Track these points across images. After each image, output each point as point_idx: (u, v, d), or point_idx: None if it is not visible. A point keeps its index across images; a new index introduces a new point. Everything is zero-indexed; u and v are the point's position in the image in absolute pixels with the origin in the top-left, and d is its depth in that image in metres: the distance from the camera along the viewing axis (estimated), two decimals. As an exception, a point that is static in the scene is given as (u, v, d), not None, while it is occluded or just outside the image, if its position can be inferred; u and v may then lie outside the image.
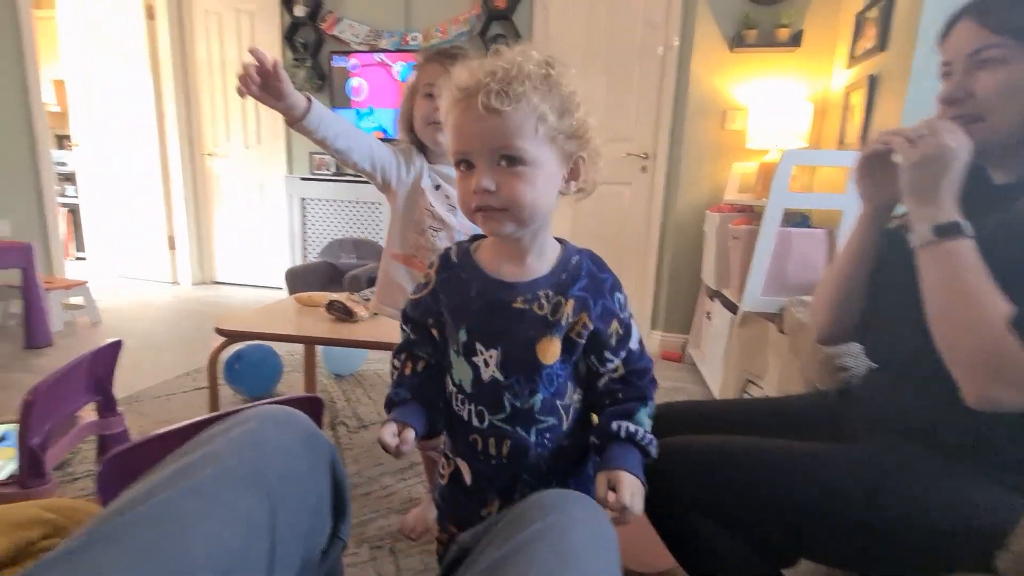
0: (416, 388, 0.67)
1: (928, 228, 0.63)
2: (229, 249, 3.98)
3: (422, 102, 1.02)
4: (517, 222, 0.56)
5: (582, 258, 0.62)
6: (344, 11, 3.40)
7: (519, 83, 0.52)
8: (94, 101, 3.82)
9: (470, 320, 0.62)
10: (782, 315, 1.53)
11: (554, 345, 0.59)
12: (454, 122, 0.56)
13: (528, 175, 0.54)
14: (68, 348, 2.44)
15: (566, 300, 0.59)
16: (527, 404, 0.61)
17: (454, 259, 0.65)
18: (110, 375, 1.15)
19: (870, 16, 1.92)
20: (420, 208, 1.07)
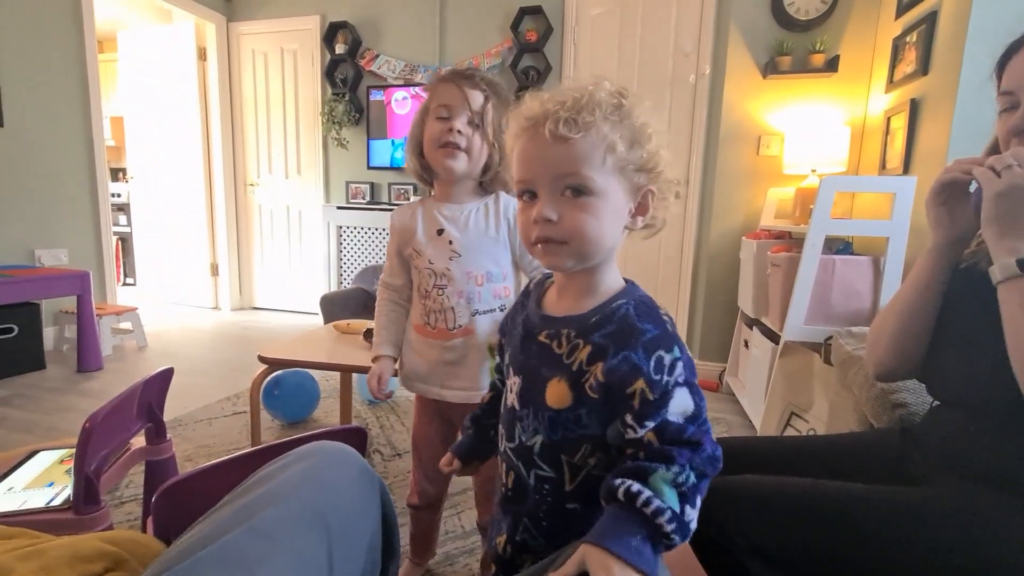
0: (476, 418, 0.75)
1: (1012, 262, 0.61)
2: (268, 276, 4.11)
3: (434, 123, 0.94)
4: (577, 256, 0.54)
5: (626, 303, 0.54)
6: (382, 48, 3.55)
7: (588, 112, 0.50)
8: (149, 136, 4.06)
9: (511, 345, 0.64)
10: (828, 345, 1.48)
11: (562, 389, 0.54)
12: (520, 151, 0.55)
13: (593, 206, 0.52)
14: (117, 372, 2.54)
15: (584, 344, 0.54)
16: (530, 441, 0.58)
17: (531, 286, 0.67)
18: (161, 402, 1.19)
19: (909, 40, 1.89)
20: (420, 272, 0.98)
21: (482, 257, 0.97)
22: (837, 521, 0.65)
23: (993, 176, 0.63)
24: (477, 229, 0.97)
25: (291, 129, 3.86)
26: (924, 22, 1.79)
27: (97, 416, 0.92)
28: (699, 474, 0.50)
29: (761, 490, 0.70)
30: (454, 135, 0.92)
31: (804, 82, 2.28)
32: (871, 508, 0.65)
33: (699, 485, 0.50)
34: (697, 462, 0.49)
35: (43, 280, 2.37)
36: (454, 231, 0.97)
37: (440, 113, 0.94)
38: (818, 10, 2.22)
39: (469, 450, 0.74)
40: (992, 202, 0.63)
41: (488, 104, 0.94)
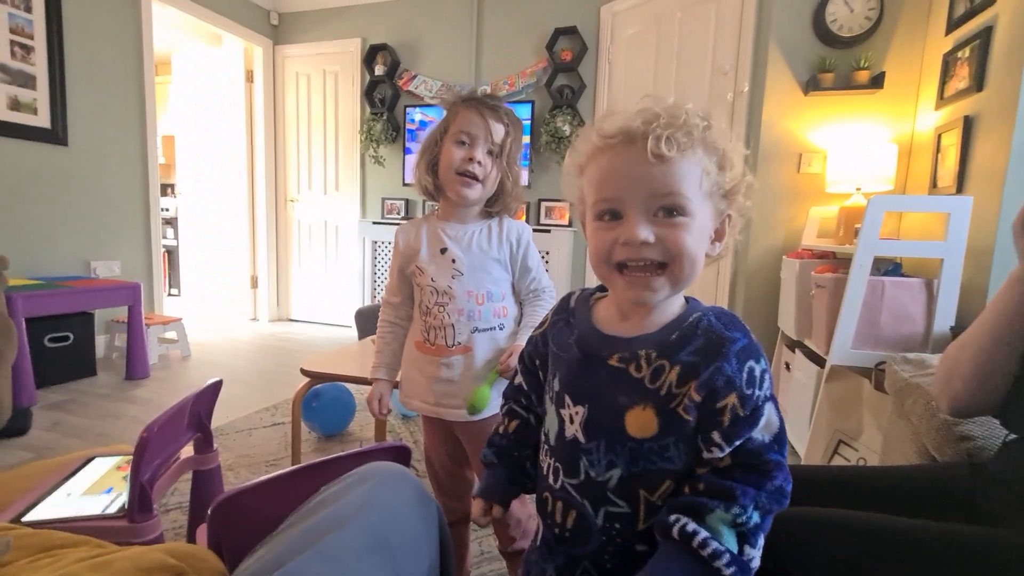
0: (503, 450, 0.66)
1: None
2: (304, 289, 4.22)
3: (453, 148, 0.95)
4: (673, 282, 0.51)
5: (704, 315, 0.52)
6: (419, 68, 3.64)
7: (685, 132, 0.49)
8: (197, 154, 4.25)
9: (564, 368, 0.57)
10: (880, 371, 1.42)
11: (647, 417, 0.50)
12: (604, 168, 0.51)
13: (689, 226, 0.49)
14: (163, 381, 2.63)
15: (671, 365, 0.49)
16: (602, 477, 0.52)
17: (572, 303, 0.62)
18: (210, 413, 1.22)
19: (961, 56, 1.83)
20: (422, 289, 0.99)
21: (483, 277, 0.98)
22: (907, 559, 0.61)
23: None
24: (480, 250, 0.99)
25: (331, 147, 3.98)
26: (978, 37, 1.73)
27: (153, 426, 0.95)
28: (763, 512, 0.47)
29: (822, 522, 0.67)
30: (473, 165, 0.94)
31: (848, 99, 2.23)
32: (945, 547, 0.61)
33: (762, 524, 0.47)
34: (763, 500, 0.46)
35: (98, 291, 2.49)
36: (457, 250, 0.98)
37: (460, 138, 0.95)
38: (862, 27, 2.18)
39: (505, 490, 0.64)
40: None
41: (508, 139, 0.96)
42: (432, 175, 0.99)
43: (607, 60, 3.15)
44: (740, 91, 2.45)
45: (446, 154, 0.95)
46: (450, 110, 0.99)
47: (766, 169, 2.37)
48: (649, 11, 2.89)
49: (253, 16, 3.86)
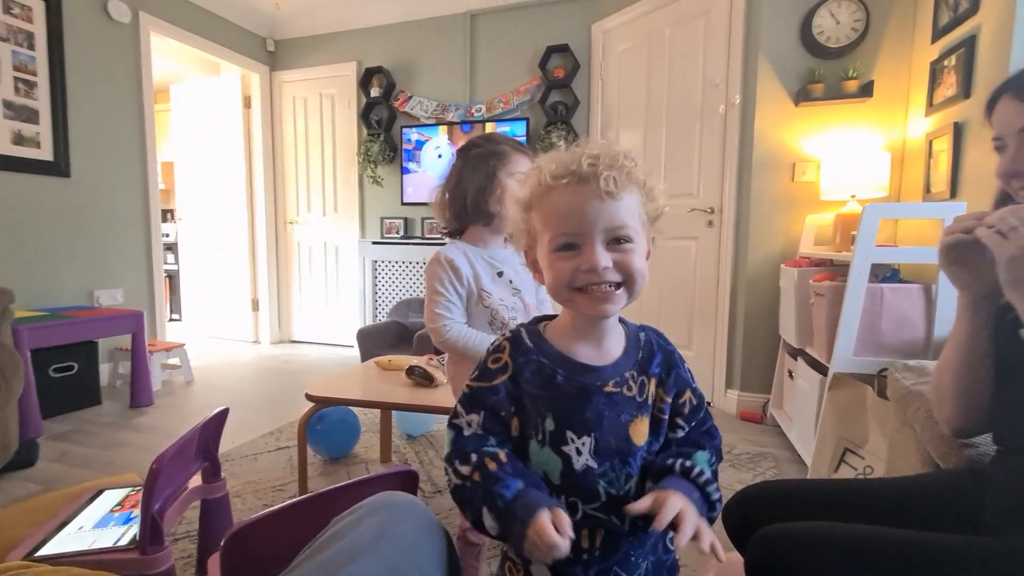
0: (516, 473, 0.56)
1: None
2: (306, 310, 4.23)
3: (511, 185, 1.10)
4: (630, 295, 0.58)
5: (648, 334, 0.65)
6: (414, 89, 3.70)
7: (625, 171, 0.57)
8: (196, 179, 4.29)
9: (557, 407, 0.58)
10: (883, 378, 1.42)
11: (644, 425, 0.61)
12: (560, 206, 0.57)
13: (636, 250, 0.58)
14: (167, 407, 2.63)
15: (648, 379, 0.62)
16: (622, 491, 0.59)
17: (528, 342, 0.62)
18: (217, 441, 1.23)
19: (948, 64, 1.87)
20: (493, 310, 1.11)
21: (530, 290, 1.20)
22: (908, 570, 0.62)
23: (1001, 239, 0.63)
24: (520, 268, 1.15)
25: (329, 169, 4.02)
26: (963, 45, 1.77)
27: (163, 457, 0.96)
28: (719, 457, 0.65)
29: (826, 537, 0.67)
30: None
31: (838, 108, 2.27)
32: (952, 561, 0.61)
33: (716, 466, 0.63)
34: (716, 444, 0.65)
35: (102, 320, 2.50)
36: (511, 272, 1.15)
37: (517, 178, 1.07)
38: (848, 37, 2.22)
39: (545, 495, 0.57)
40: (1007, 267, 0.63)
41: None
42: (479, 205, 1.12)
43: (600, 76, 3.20)
44: (732, 103, 2.49)
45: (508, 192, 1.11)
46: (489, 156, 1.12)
47: (760, 179, 2.40)
48: (639, 27, 2.95)
49: (250, 44, 3.93)
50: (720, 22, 2.53)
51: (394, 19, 3.70)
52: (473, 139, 1.19)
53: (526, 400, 0.59)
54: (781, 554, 0.65)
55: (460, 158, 1.16)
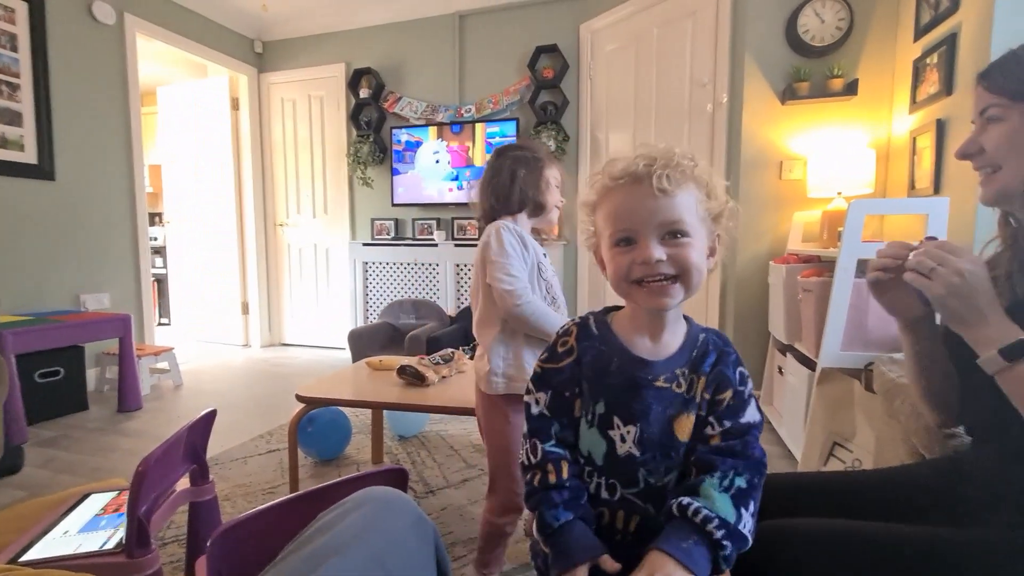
0: (573, 504, 0.61)
1: (994, 353, 0.62)
2: (296, 313, 4.21)
3: (556, 193, 1.25)
4: (686, 288, 0.60)
5: (708, 336, 0.66)
6: (404, 90, 3.69)
7: (679, 170, 0.59)
8: (184, 182, 4.25)
9: (609, 394, 0.63)
10: (869, 372, 1.44)
11: (689, 422, 0.62)
12: (618, 204, 0.61)
13: (693, 244, 0.60)
14: (156, 412, 2.60)
15: (699, 378, 0.63)
16: (661, 481, 0.62)
17: (594, 329, 0.67)
18: (205, 443, 1.21)
19: (930, 62, 1.89)
20: (548, 283, 1.21)
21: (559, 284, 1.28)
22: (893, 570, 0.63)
23: (926, 280, 0.66)
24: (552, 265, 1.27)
25: (318, 170, 4.01)
26: (944, 43, 1.79)
27: (149, 460, 0.95)
28: (748, 481, 0.59)
29: (804, 535, 0.68)
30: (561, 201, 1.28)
31: (824, 106, 2.29)
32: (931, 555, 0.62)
33: (748, 490, 0.58)
34: (741, 467, 0.59)
35: (88, 324, 2.47)
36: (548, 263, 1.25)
37: (556, 183, 1.25)
38: (833, 36, 2.25)
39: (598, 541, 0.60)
40: (941, 305, 0.66)
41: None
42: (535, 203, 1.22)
43: (588, 76, 3.21)
44: (719, 102, 2.51)
45: (552, 196, 1.24)
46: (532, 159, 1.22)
47: (749, 177, 2.42)
48: (627, 28, 2.96)
49: (237, 46, 3.90)
50: (706, 22, 2.55)
51: (383, 20, 3.70)
52: (515, 143, 1.30)
53: (584, 383, 0.65)
54: (774, 551, 0.66)
55: (506, 157, 1.24)
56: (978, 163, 0.73)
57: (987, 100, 0.71)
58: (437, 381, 1.58)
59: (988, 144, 0.71)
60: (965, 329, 0.66)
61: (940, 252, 0.66)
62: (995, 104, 0.70)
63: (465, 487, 1.78)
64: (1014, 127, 0.68)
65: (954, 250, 0.66)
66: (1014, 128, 0.68)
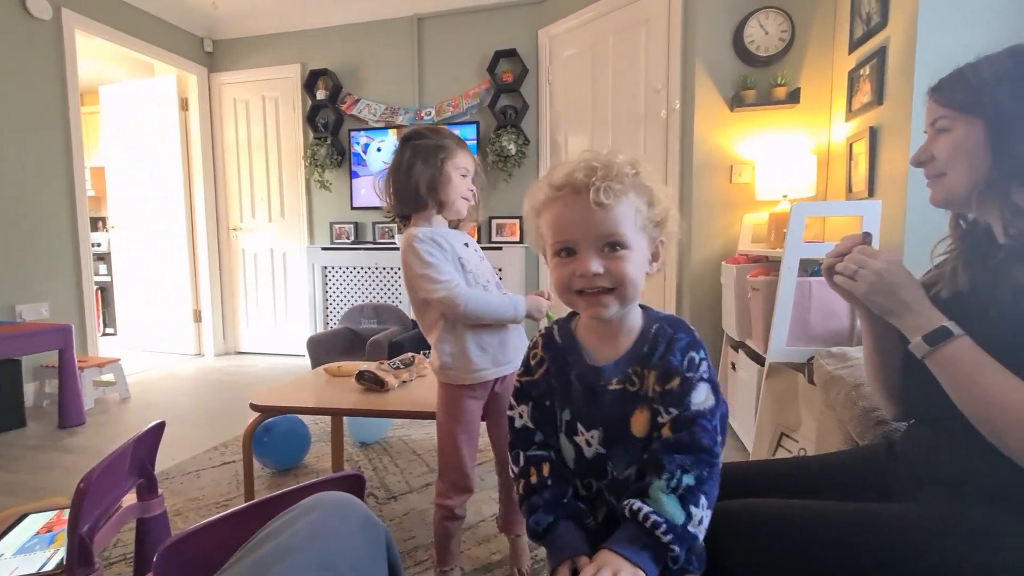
0: (555, 504, 0.65)
1: (920, 340, 0.68)
2: (252, 320, 4.08)
3: (460, 180, 1.17)
4: (621, 301, 0.62)
5: (661, 326, 0.65)
6: (362, 92, 3.65)
7: (619, 180, 0.60)
8: (130, 185, 4.07)
9: (572, 402, 0.67)
10: (810, 365, 1.52)
11: (644, 417, 0.63)
12: (556, 216, 0.63)
13: (629, 257, 0.61)
14: (100, 426, 2.48)
15: (648, 371, 0.64)
16: (623, 475, 0.65)
17: (558, 339, 0.70)
18: (153, 457, 1.17)
19: (863, 73, 2.01)
20: (473, 275, 1.16)
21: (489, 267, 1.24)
22: (830, 541, 0.67)
23: (853, 283, 0.74)
24: (475, 247, 1.24)
25: (274, 173, 3.91)
26: (875, 56, 1.91)
27: (92, 475, 0.91)
28: (696, 476, 0.58)
29: (751, 514, 0.72)
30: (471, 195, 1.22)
31: (769, 113, 2.40)
32: (864, 526, 0.67)
33: (698, 485, 0.58)
34: (688, 463, 0.58)
35: (25, 336, 2.33)
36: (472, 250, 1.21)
37: (463, 172, 1.19)
38: (776, 47, 2.36)
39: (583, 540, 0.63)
40: (868, 302, 0.74)
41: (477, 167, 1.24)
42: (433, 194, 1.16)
43: (547, 80, 3.26)
44: (672, 108, 2.59)
45: (455, 188, 1.17)
46: (434, 148, 1.16)
47: (701, 181, 2.51)
48: (584, 34, 3.02)
49: (186, 44, 3.77)
50: (659, 30, 2.63)
51: (339, 21, 3.64)
52: (418, 128, 1.20)
53: (554, 393, 0.69)
54: (734, 526, 0.70)
55: (407, 148, 1.16)
56: (928, 170, 0.78)
57: (937, 112, 0.76)
58: (397, 386, 1.57)
59: (938, 152, 0.76)
60: (896, 320, 0.73)
61: (860, 256, 0.74)
62: (944, 116, 0.74)
63: (428, 491, 1.78)
64: (959, 137, 0.73)
65: (872, 253, 0.73)
66: (959, 138, 0.73)
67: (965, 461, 0.68)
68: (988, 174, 0.70)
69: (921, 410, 0.81)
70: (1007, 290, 0.67)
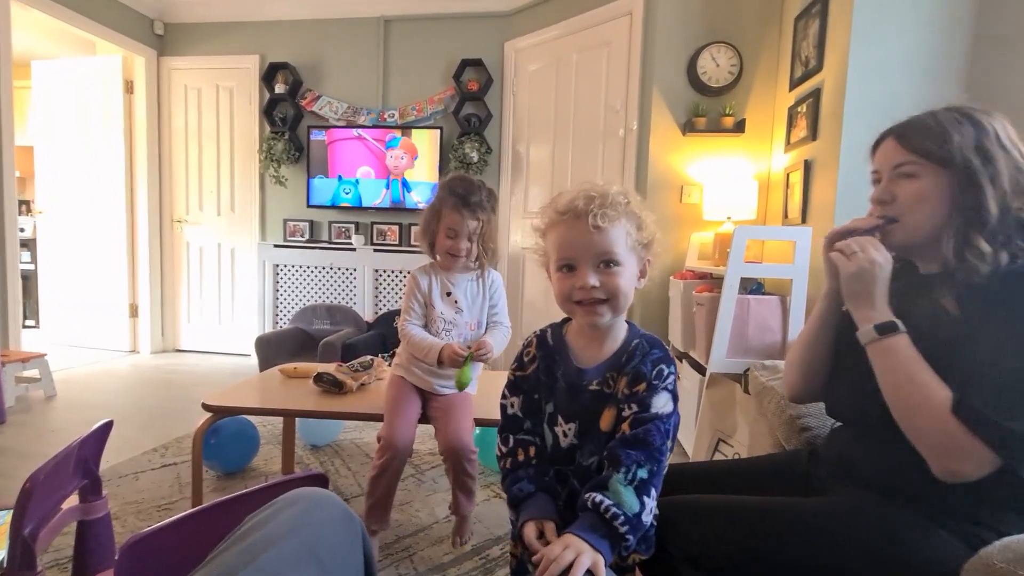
0: (537, 478, 0.77)
1: (870, 328, 0.76)
2: (195, 317, 3.91)
3: (444, 239, 1.42)
4: (613, 310, 0.73)
5: (641, 341, 0.77)
6: (323, 89, 3.59)
7: (613, 208, 0.72)
8: (62, 168, 3.81)
9: (556, 397, 0.79)
10: (747, 377, 1.65)
11: (610, 415, 0.74)
12: (560, 236, 0.74)
13: (621, 273, 0.73)
14: (23, 425, 2.31)
15: (620, 376, 0.75)
16: (587, 462, 0.75)
17: (549, 340, 0.82)
18: (98, 458, 1.13)
19: (800, 111, 2.20)
20: (432, 317, 1.46)
21: (473, 310, 1.51)
22: (757, 528, 0.77)
23: (845, 260, 0.80)
24: (472, 294, 1.50)
25: (225, 165, 3.77)
26: (811, 96, 2.10)
27: (38, 476, 0.88)
28: (648, 470, 0.68)
29: (693, 507, 0.81)
30: (460, 250, 1.42)
31: (718, 140, 2.57)
32: (784, 516, 0.77)
33: (650, 478, 0.68)
34: (642, 458, 0.68)
35: (-62, 326, 2.14)
36: (459, 294, 1.48)
37: (449, 233, 1.41)
38: (726, 79, 2.54)
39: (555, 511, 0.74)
40: (846, 281, 0.80)
41: (482, 226, 1.42)
42: (431, 247, 1.47)
43: (512, 92, 3.34)
44: (630, 128, 2.72)
45: (440, 243, 1.43)
46: (439, 201, 1.43)
47: (653, 198, 2.64)
48: (549, 50, 3.12)
49: (133, 24, 3.58)
50: (620, 53, 2.76)
51: (302, 15, 3.58)
52: (449, 178, 1.47)
53: (540, 387, 0.80)
54: (672, 519, 0.78)
55: (432, 196, 1.48)
56: (883, 210, 0.82)
57: (902, 156, 0.79)
58: (356, 388, 1.58)
59: (901, 195, 0.80)
60: (856, 307, 0.79)
61: (864, 241, 0.79)
62: (911, 162, 0.78)
63: (381, 494, 1.78)
64: (925, 186, 0.77)
65: (877, 246, 0.78)
66: (925, 187, 0.77)
67: (886, 465, 0.78)
68: (943, 221, 0.76)
69: (847, 414, 0.92)
70: (921, 315, 0.77)
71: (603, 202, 0.71)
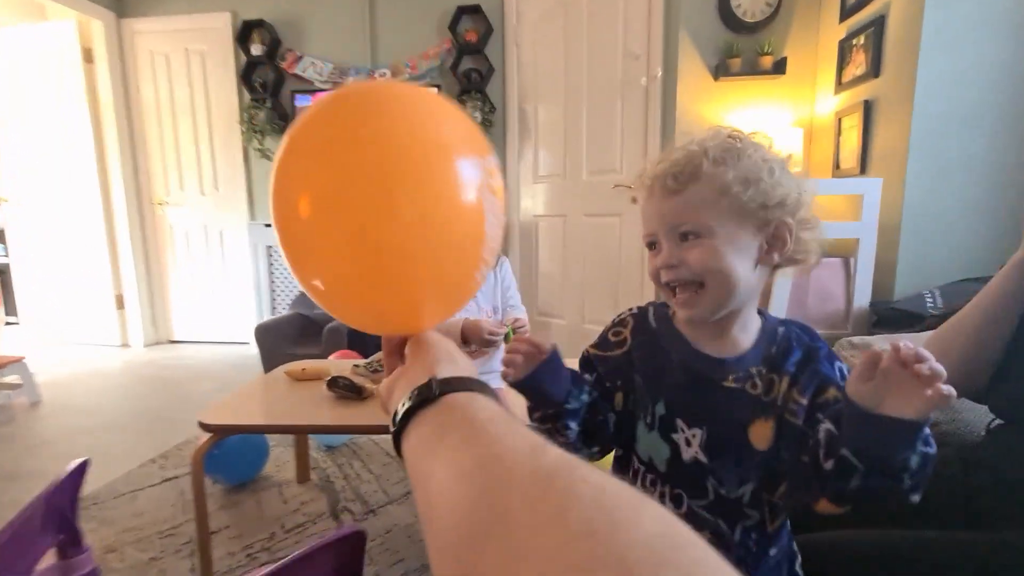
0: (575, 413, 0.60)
1: None
2: (187, 305, 3.67)
3: None
4: (713, 298, 0.54)
5: (789, 329, 0.58)
6: (305, 49, 3.25)
7: (693, 164, 0.54)
8: (24, 152, 3.48)
9: (670, 393, 0.59)
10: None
11: (767, 429, 0.55)
12: (643, 208, 0.60)
13: (708, 245, 0.54)
14: (7, 439, 2.10)
15: (779, 377, 0.55)
16: (734, 494, 0.56)
17: (652, 322, 0.63)
18: (75, 507, 0.92)
19: (856, 43, 1.93)
20: None
21: (489, 298, 1.41)
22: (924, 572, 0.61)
23: None
24: (486, 284, 1.38)
25: (204, 139, 3.45)
26: (872, 25, 1.83)
27: (-13, 557, 0.67)
28: None
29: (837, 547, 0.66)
30: None
31: (754, 84, 2.30)
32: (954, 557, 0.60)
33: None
34: None
35: None
36: None
37: None
38: (763, 12, 2.25)
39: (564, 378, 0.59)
40: None
41: None
42: None
43: (515, 42, 3.01)
44: (653, 76, 2.44)
45: None
46: None
47: (683, 154, 2.39)
48: (555, -8, 2.79)
49: (87, -18, 3.19)
50: (640, -10, 2.45)
51: (275, -36, 3.19)
52: None
53: (638, 378, 0.61)
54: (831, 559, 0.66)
55: None
56: None
57: None
58: (376, 392, 1.37)
59: None
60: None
61: None
62: None
63: (409, 501, 1.60)
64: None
65: None
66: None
67: None
68: None
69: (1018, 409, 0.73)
70: None
71: (686, 159, 0.54)
